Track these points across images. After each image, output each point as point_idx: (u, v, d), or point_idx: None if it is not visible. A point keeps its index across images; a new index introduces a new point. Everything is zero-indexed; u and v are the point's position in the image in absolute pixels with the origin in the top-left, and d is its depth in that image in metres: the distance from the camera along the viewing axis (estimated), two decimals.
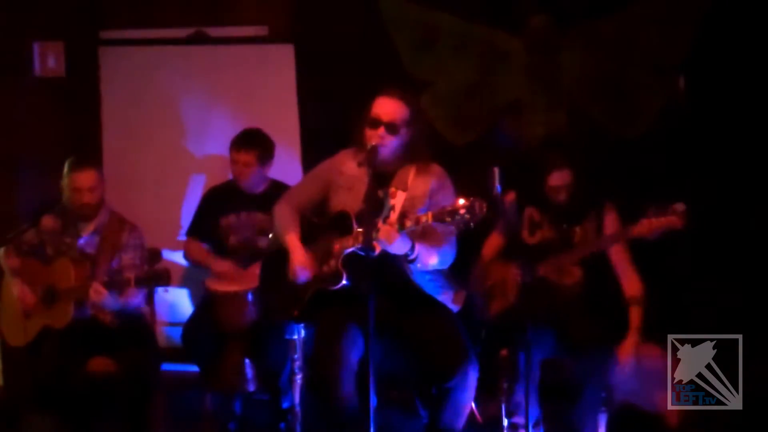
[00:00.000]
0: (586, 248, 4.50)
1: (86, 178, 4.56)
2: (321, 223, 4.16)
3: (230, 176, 5.08)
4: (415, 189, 4.00)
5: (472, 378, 3.93)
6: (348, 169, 4.10)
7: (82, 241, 4.63)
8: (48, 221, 4.69)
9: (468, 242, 4.14)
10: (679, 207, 4.20)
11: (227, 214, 5.00)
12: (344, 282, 3.93)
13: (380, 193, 3.99)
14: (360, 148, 4.01)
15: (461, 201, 3.60)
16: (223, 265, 4.90)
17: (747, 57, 4.89)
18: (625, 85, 5.15)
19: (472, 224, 3.62)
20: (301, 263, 4.06)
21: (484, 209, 3.58)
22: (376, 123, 3.96)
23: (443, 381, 3.89)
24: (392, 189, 4.00)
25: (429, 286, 4.08)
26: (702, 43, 4.97)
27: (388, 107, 3.98)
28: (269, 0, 5.60)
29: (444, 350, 3.91)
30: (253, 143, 4.94)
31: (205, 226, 5.06)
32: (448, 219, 3.62)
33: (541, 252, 4.57)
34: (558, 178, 4.52)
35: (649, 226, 4.25)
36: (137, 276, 4.38)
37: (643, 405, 4.63)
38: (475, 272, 4.76)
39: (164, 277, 4.35)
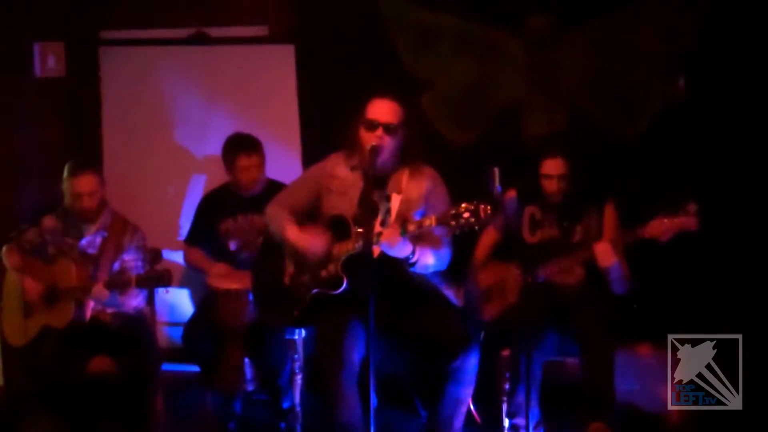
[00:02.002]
0: (591, 249, 4.50)
1: (85, 182, 4.56)
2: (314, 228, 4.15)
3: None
4: (410, 192, 4.00)
5: (473, 363, 3.92)
6: (340, 173, 4.09)
7: (84, 242, 4.64)
8: (49, 221, 4.70)
9: (464, 241, 4.14)
10: (692, 207, 4.19)
11: (225, 218, 4.99)
12: (345, 286, 3.93)
13: (376, 195, 3.98)
14: (352, 151, 4.00)
15: (464, 204, 3.59)
16: (219, 268, 4.90)
17: (747, 57, 4.89)
18: (625, 85, 5.15)
19: (476, 227, 3.62)
20: (310, 246, 4.03)
21: (489, 212, 3.58)
22: (373, 125, 3.96)
23: (446, 362, 3.87)
24: (387, 192, 4.00)
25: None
26: (702, 42, 4.97)
27: (385, 108, 3.98)
28: (269, 0, 5.60)
29: (447, 332, 3.91)
30: (255, 145, 4.93)
31: (204, 232, 5.05)
32: (453, 223, 3.61)
33: (541, 251, 4.57)
34: (550, 167, 4.51)
35: (661, 227, 4.24)
36: (139, 276, 4.38)
37: (643, 405, 4.63)
38: (471, 270, 4.76)
39: (165, 278, 4.36)
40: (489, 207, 3.58)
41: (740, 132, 4.91)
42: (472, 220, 3.58)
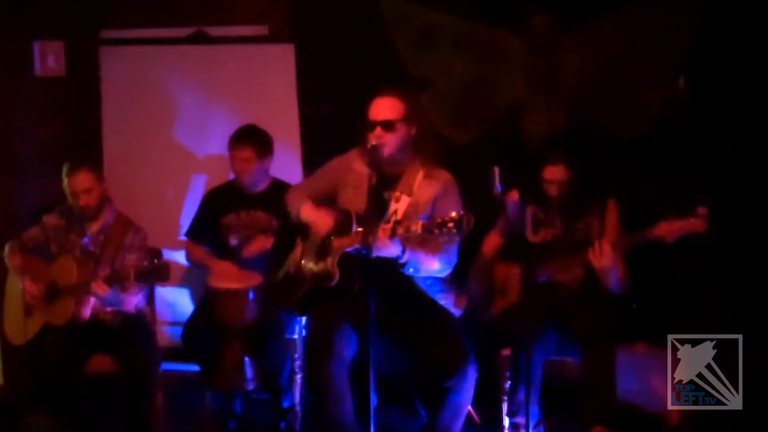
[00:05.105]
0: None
1: (81, 180, 4.57)
2: None
3: (231, 176, 5.09)
4: (420, 195, 4.02)
5: (471, 379, 3.94)
6: (357, 167, 4.12)
7: (86, 239, 4.64)
8: (51, 219, 4.71)
9: (469, 241, 4.14)
10: (702, 211, 4.19)
11: (227, 213, 5.01)
12: (337, 281, 3.95)
13: (385, 195, 4.00)
14: (364, 149, 4.02)
15: (452, 214, 3.61)
16: (222, 265, 4.91)
17: (747, 56, 4.89)
18: (625, 85, 5.15)
19: (458, 238, 3.65)
20: (316, 220, 4.08)
21: (471, 225, 3.60)
22: (372, 125, 3.99)
23: (442, 381, 3.90)
24: (397, 193, 4.02)
25: (430, 290, 4.09)
26: (702, 42, 4.97)
27: (381, 106, 4.02)
28: (269, 0, 5.60)
29: (443, 351, 3.93)
30: (249, 138, 4.95)
31: (206, 227, 5.06)
32: (437, 231, 3.63)
33: (544, 250, 4.57)
34: (551, 173, 4.53)
35: (669, 228, 4.24)
36: (137, 270, 4.38)
37: (643, 405, 4.63)
38: (474, 270, 4.76)
39: (164, 272, 4.36)
40: (472, 219, 3.60)
41: (740, 132, 4.92)
42: (455, 230, 3.60)
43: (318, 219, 4.08)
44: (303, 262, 4.16)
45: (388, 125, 3.98)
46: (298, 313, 4.32)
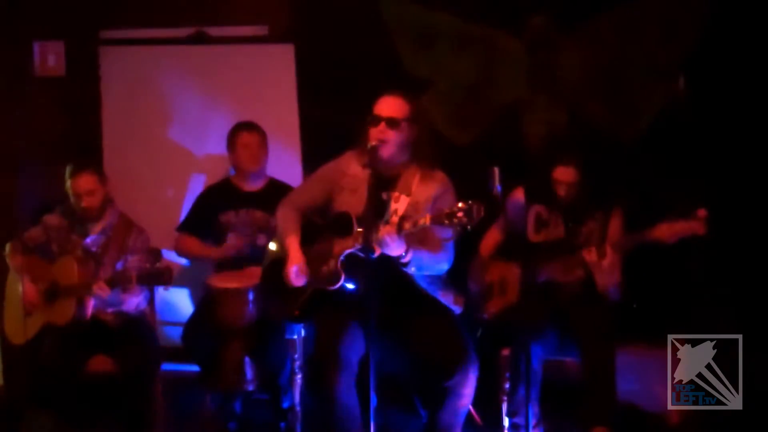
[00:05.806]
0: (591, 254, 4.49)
1: (84, 182, 4.57)
2: (322, 224, 4.17)
3: (232, 171, 5.09)
4: (419, 195, 4.02)
5: (472, 378, 3.94)
6: (352, 171, 4.12)
7: (88, 240, 4.65)
8: (53, 219, 4.71)
9: (467, 240, 4.14)
10: (702, 213, 4.20)
11: (226, 211, 5.00)
12: (342, 282, 3.94)
13: (384, 195, 4.00)
14: (363, 150, 4.02)
15: (459, 204, 3.61)
16: (224, 249, 4.90)
17: (747, 57, 4.89)
18: (625, 85, 5.15)
19: (469, 227, 3.64)
20: (295, 268, 4.07)
21: (482, 212, 3.60)
22: (377, 120, 4.00)
23: (443, 380, 3.90)
24: (396, 193, 4.02)
25: (429, 289, 4.09)
26: (702, 43, 4.98)
27: (388, 103, 4.03)
28: (269, 0, 5.60)
29: (444, 349, 3.93)
30: (255, 125, 5.00)
31: (202, 223, 5.05)
32: (446, 222, 3.63)
33: (544, 250, 4.57)
34: (562, 173, 4.53)
35: (669, 230, 4.24)
36: (140, 273, 4.38)
37: (643, 405, 4.63)
38: (473, 268, 4.77)
39: (166, 276, 4.36)
40: (482, 207, 3.60)
41: (739, 132, 4.92)
42: (465, 219, 3.59)
43: (296, 266, 4.06)
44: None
45: (393, 123, 3.99)
46: (299, 320, 4.29)
